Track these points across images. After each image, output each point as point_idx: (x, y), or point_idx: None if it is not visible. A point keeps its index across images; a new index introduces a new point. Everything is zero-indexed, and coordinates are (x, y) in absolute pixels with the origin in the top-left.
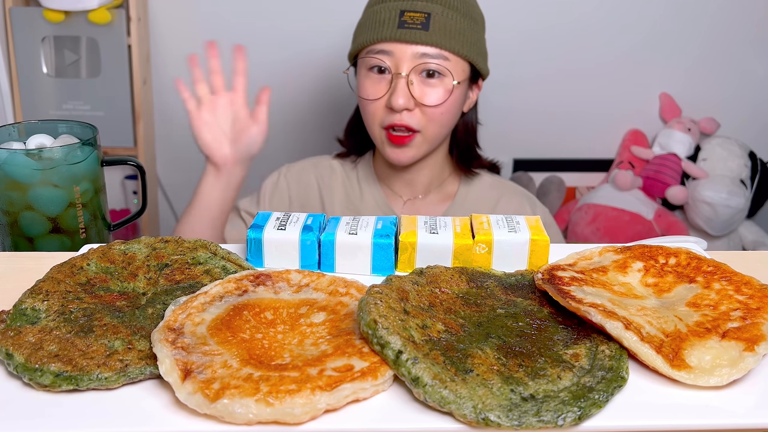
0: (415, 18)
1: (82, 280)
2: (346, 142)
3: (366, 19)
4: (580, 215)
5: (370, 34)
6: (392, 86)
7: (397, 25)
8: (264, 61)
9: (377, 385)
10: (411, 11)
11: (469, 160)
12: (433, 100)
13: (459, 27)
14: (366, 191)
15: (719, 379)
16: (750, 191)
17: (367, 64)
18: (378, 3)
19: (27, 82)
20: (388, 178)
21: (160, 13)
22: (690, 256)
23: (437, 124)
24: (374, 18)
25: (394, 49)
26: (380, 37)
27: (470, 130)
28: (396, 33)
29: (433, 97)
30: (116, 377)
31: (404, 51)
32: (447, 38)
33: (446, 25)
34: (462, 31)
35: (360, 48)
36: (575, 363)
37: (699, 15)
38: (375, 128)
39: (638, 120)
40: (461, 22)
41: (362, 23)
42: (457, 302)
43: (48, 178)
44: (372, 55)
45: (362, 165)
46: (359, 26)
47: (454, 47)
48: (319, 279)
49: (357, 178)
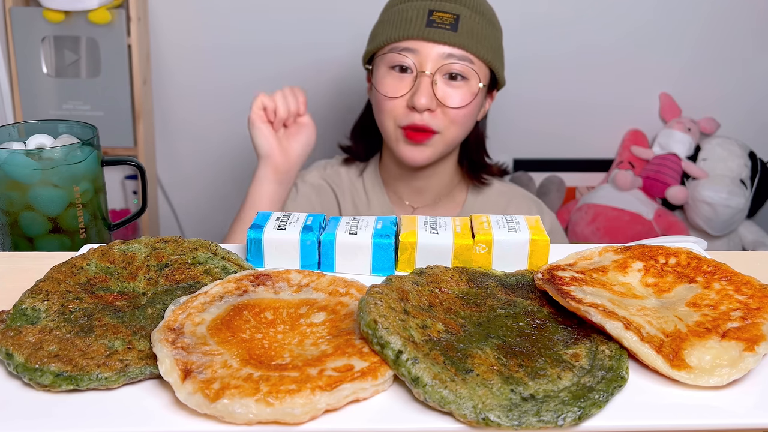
0: (444, 18)
1: (82, 280)
2: (353, 146)
3: (389, 17)
4: (580, 215)
5: (395, 31)
6: (415, 85)
7: (426, 24)
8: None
9: (377, 385)
10: (440, 11)
11: (479, 170)
12: (456, 102)
13: (485, 32)
14: (373, 200)
15: (719, 379)
16: (750, 191)
17: (389, 61)
18: (404, 2)
19: (27, 82)
20: (395, 185)
21: (160, 13)
22: (690, 256)
23: (457, 127)
24: (400, 16)
25: (420, 48)
26: (407, 35)
27: (480, 140)
28: (424, 31)
29: (457, 98)
30: (116, 377)
31: (430, 50)
32: (474, 41)
33: (474, 29)
34: (487, 37)
35: (382, 45)
36: (575, 363)
37: (699, 15)
38: (390, 127)
39: (638, 120)
40: (487, 27)
41: (384, 21)
42: (457, 302)
43: (48, 178)
44: (396, 52)
45: (368, 172)
46: (380, 24)
47: (479, 51)
48: (319, 279)
49: (363, 187)
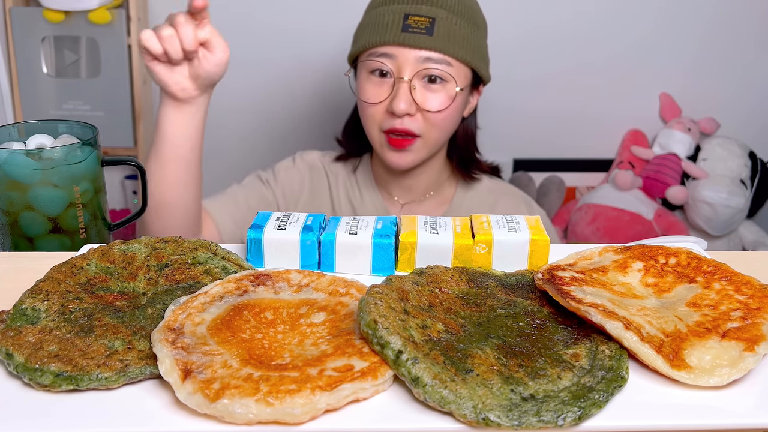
0: (419, 22)
1: (82, 280)
2: (345, 144)
3: (368, 20)
4: (580, 215)
5: (372, 36)
6: (394, 90)
7: (401, 29)
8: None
9: (377, 385)
10: (415, 15)
11: (469, 166)
12: (435, 106)
13: (463, 33)
14: (366, 196)
15: (719, 379)
16: (750, 191)
17: (369, 67)
18: (381, 5)
19: (27, 82)
20: (386, 182)
21: (160, 13)
22: (690, 256)
23: (438, 130)
24: (377, 20)
25: (397, 53)
26: (383, 41)
27: (470, 135)
28: (400, 37)
29: (435, 102)
30: (116, 377)
31: (408, 55)
32: (451, 44)
33: (450, 31)
34: (466, 37)
35: (361, 50)
36: (575, 363)
37: (699, 15)
38: (374, 132)
39: (638, 120)
40: (465, 27)
41: (364, 25)
42: (457, 302)
43: (48, 178)
44: (374, 58)
45: (361, 170)
46: (360, 28)
47: (457, 53)
48: (319, 279)
49: (356, 183)
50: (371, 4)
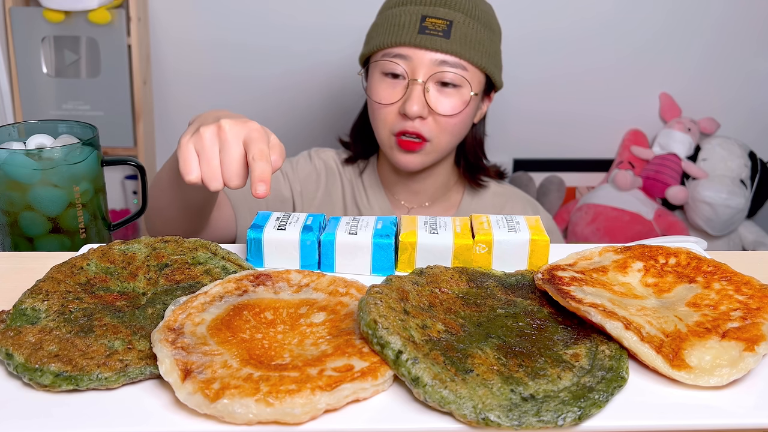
0: (436, 24)
1: (82, 280)
2: (351, 145)
3: (383, 21)
4: (580, 215)
5: (387, 37)
6: (407, 92)
7: (418, 30)
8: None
9: (377, 385)
10: (433, 17)
11: (476, 172)
12: (447, 110)
13: (479, 37)
14: (372, 199)
15: (719, 379)
16: (750, 191)
17: (382, 68)
18: (397, 6)
19: (27, 82)
20: (392, 186)
21: (160, 13)
22: (690, 256)
23: (449, 134)
24: (393, 21)
25: (412, 55)
26: (399, 41)
27: (478, 141)
28: (416, 38)
29: (448, 106)
30: (116, 377)
31: (423, 57)
32: (467, 48)
33: (467, 35)
34: (482, 42)
35: (375, 50)
36: (575, 363)
37: (699, 15)
38: (384, 133)
39: (638, 120)
40: (482, 32)
41: (378, 25)
42: (457, 302)
43: (48, 178)
44: (388, 58)
45: (368, 172)
46: (374, 28)
47: (473, 57)
48: (319, 279)
49: (363, 186)
50: (386, 5)
